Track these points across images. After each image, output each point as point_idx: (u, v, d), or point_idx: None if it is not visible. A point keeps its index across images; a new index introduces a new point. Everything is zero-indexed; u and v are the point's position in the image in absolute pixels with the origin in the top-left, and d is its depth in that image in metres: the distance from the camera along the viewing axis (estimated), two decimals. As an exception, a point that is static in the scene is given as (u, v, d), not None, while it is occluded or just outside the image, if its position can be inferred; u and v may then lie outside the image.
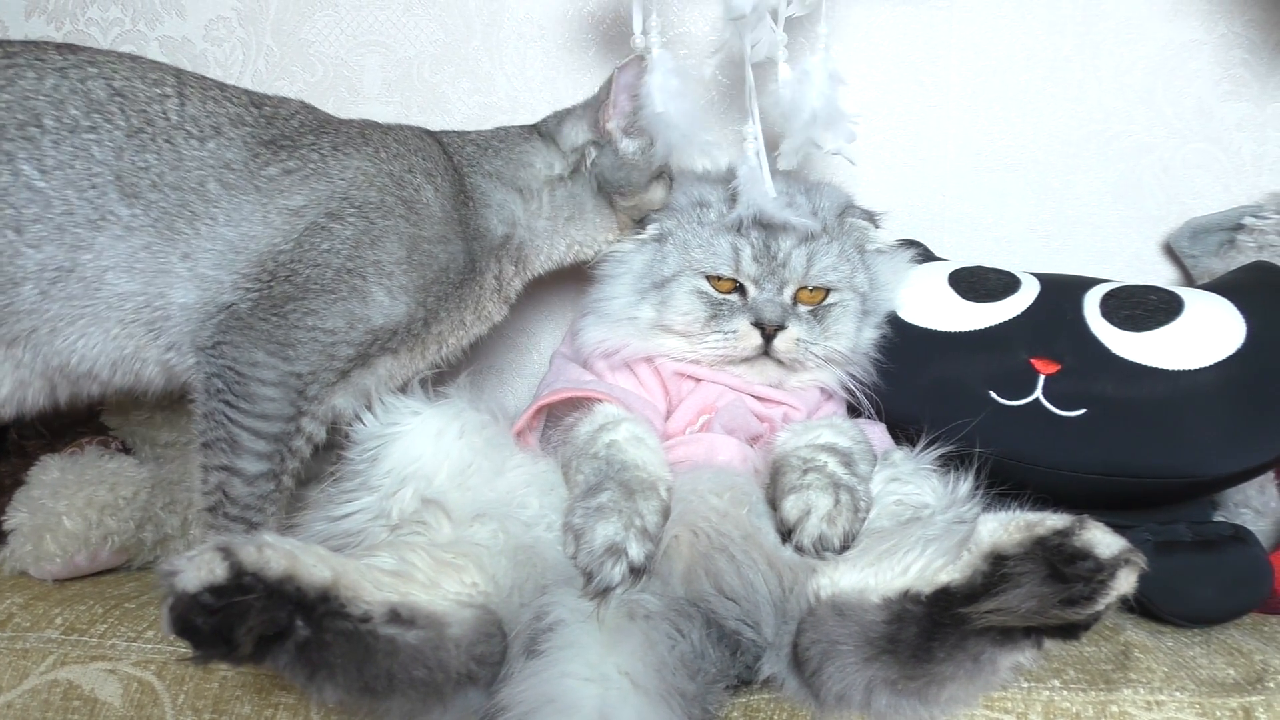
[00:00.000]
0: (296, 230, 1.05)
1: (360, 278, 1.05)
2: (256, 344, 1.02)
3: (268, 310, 1.03)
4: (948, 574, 0.82)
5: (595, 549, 0.89)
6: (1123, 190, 1.51)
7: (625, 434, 1.03)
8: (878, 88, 1.53)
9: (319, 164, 1.08)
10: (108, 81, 1.03)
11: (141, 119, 1.03)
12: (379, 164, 1.11)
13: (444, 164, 1.17)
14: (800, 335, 1.15)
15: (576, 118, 1.25)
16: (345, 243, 1.05)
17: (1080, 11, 1.50)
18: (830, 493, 0.95)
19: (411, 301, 1.09)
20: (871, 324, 1.22)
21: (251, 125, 1.09)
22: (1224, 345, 1.11)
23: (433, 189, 1.13)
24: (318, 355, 1.04)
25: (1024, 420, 1.13)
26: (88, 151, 1.01)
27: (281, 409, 1.03)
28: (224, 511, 1.04)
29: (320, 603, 0.78)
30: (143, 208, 1.01)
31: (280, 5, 1.59)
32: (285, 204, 1.06)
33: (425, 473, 1.00)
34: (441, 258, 1.11)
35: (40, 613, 1.03)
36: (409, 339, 1.12)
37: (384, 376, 1.13)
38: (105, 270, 1.01)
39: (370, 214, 1.07)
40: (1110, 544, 0.75)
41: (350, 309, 1.05)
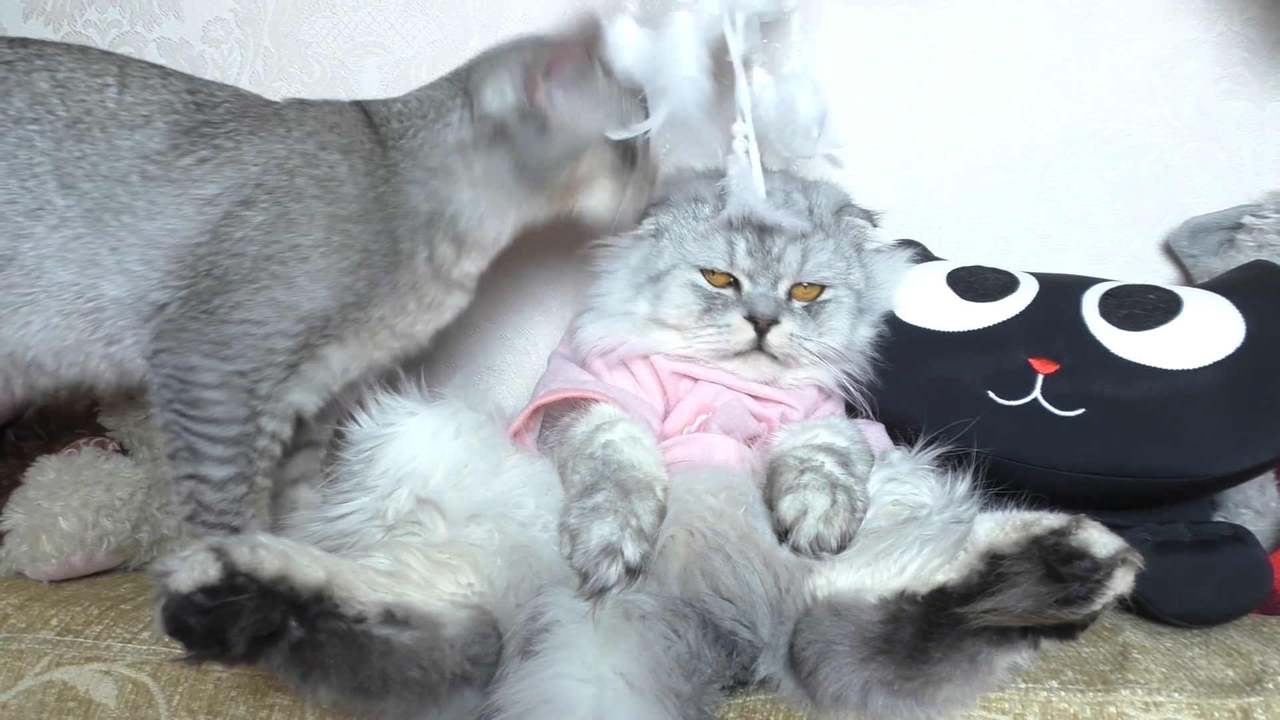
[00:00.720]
0: (212, 221, 1.03)
1: (280, 263, 1.02)
2: (191, 347, 1.01)
3: (196, 309, 1.01)
4: (944, 574, 0.82)
5: (591, 549, 0.89)
6: (1122, 189, 1.51)
7: (621, 434, 1.02)
8: (876, 87, 1.53)
9: (232, 151, 1.06)
10: (52, 74, 1.04)
11: (81, 109, 1.03)
12: (290, 144, 1.07)
13: (363, 137, 1.11)
14: (794, 330, 1.14)
15: (499, 76, 1.13)
16: (259, 229, 1.02)
17: (1079, 10, 1.50)
18: (827, 493, 0.94)
19: (337, 285, 1.05)
20: (867, 322, 1.21)
21: (179, 114, 1.07)
22: (1223, 344, 1.11)
23: (347, 166, 1.08)
24: (254, 351, 1.02)
25: (1022, 420, 1.13)
26: (30, 142, 1.01)
27: (232, 411, 1.02)
28: (201, 519, 1.03)
29: (314, 603, 0.78)
30: (77, 198, 1.01)
31: (278, 7, 1.59)
32: (199, 194, 1.04)
33: (421, 473, 1.00)
34: (363, 237, 1.07)
35: (36, 614, 1.03)
36: (351, 325, 1.08)
37: (338, 369, 1.10)
38: (44, 259, 1.01)
39: (282, 197, 1.04)
40: (1107, 544, 0.75)
41: (275, 297, 1.02)
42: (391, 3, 1.58)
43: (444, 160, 1.12)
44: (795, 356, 1.16)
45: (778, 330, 1.14)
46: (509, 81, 1.11)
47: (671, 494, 0.99)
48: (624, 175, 1.18)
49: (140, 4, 1.61)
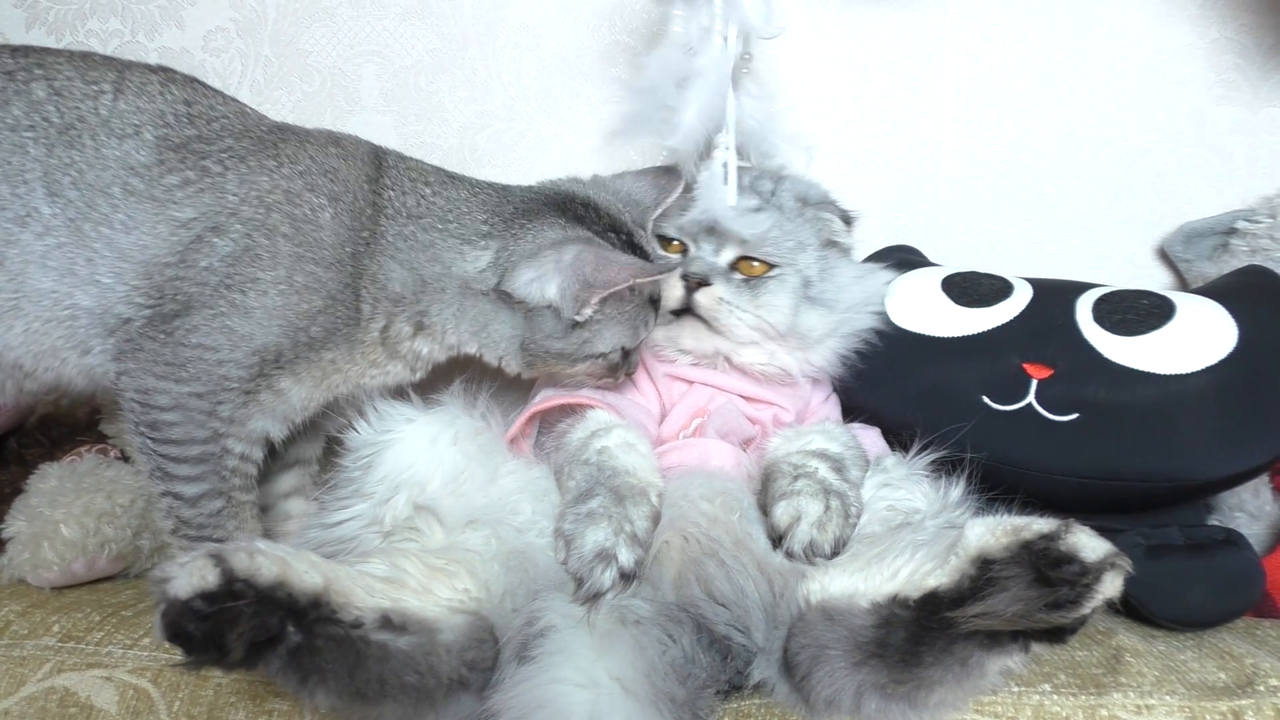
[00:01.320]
0: (183, 243, 1.02)
1: (239, 292, 1.01)
2: (147, 369, 1.01)
3: (156, 329, 1.01)
4: (936, 578, 0.83)
5: (585, 555, 0.90)
6: (1116, 195, 1.52)
7: (616, 440, 1.03)
8: (872, 94, 1.54)
9: (217, 176, 1.04)
10: (49, 81, 1.04)
11: (75, 115, 1.03)
12: (276, 179, 1.05)
13: (358, 192, 1.07)
14: (723, 295, 1.15)
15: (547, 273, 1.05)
16: (224, 259, 1.01)
17: (1073, 17, 1.50)
18: (820, 499, 0.95)
19: (292, 326, 1.03)
20: (821, 313, 1.19)
21: (169, 127, 1.05)
22: (1216, 349, 1.11)
23: (331, 213, 1.05)
24: (207, 375, 1.01)
25: (1017, 425, 1.13)
26: (24, 149, 1.01)
27: (190, 432, 1.01)
28: (183, 533, 1.04)
29: (312, 609, 0.79)
30: (61, 206, 1.01)
31: (278, 16, 1.60)
32: (175, 215, 1.03)
33: (418, 479, 1.00)
34: (330, 285, 1.04)
35: (38, 620, 1.04)
36: (303, 362, 1.05)
37: (297, 404, 1.08)
38: (28, 264, 1.01)
39: (253, 230, 1.02)
40: (1096, 548, 0.76)
41: (229, 325, 1.01)
42: (390, 12, 1.59)
43: (441, 280, 1.07)
44: (729, 327, 1.16)
45: (706, 291, 1.15)
46: (556, 284, 1.04)
47: (666, 500, 1.00)
48: (613, 373, 1.15)
49: (142, 14, 1.62)
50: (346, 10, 1.59)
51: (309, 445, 1.23)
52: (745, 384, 1.18)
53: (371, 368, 1.11)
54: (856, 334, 1.22)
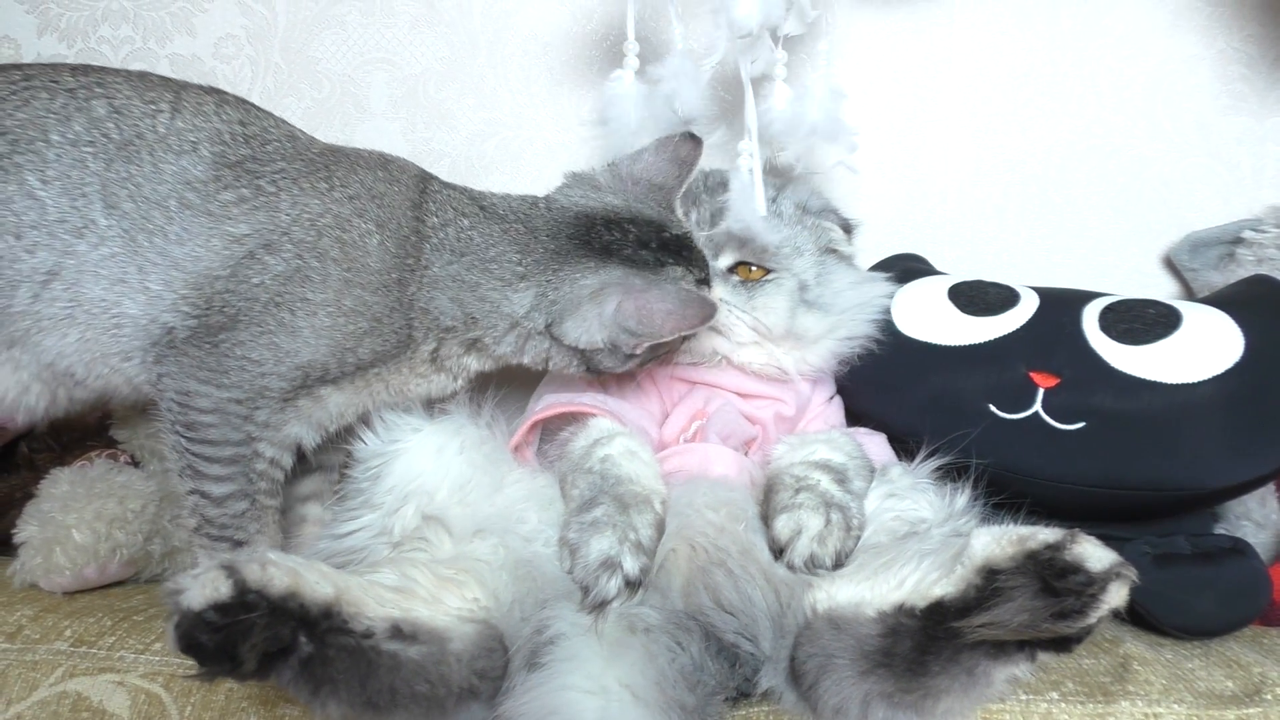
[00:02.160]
0: (235, 258, 1.04)
1: (289, 312, 1.03)
2: (190, 373, 1.03)
3: (201, 339, 1.03)
4: (942, 588, 0.83)
5: (590, 563, 0.90)
6: (1123, 204, 1.52)
7: (619, 448, 1.04)
8: (879, 103, 1.55)
9: (271, 196, 1.06)
10: (109, 100, 1.06)
11: (133, 132, 1.05)
12: (328, 203, 1.07)
13: (403, 220, 1.09)
14: (722, 295, 1.18)
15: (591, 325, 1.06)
16: (276, 278, 1.04)
17: (1080, 27, 1.51)
18: (821, 513, 0.96)
19: (339, 346, 1.05)
20: (818, 317, 1.20)
21: (226, 144, 1.08)
22: (1222, 359, 1.11)
23: (378, 240, 1.07)
24: (249, 384, 1.03)
25: (1023, 433, 1.14)
26: (84, 164, 1.04)
27: (226, 434, 1.03)
28: (206, 532, 1.05)
29: (323, 619, 0.79)
30: (118, 218, 1.04)
31: (288, 23, 1.61)
32: (230, 231, 1.05)
33: (426, 489, 1.01)
34: (376, 308, 1.06)
35: (50, 625, 1.05)
36: (348, 377, 1.08)
37: (335, 411, 1.10)
38: (83, 274, 1.03)
39: (305, 252, 1.04)
40: (1101, 558, 0.76)
41: (276, 342, 1.03)
42: (400, 19, 1.60)
43: (491, 317, 1.09)
44: (726, 325, 1.17)
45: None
46: (603, 335, 1.06)
47: (672, 508, 1.00)
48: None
49: (153, 21, 1.63)
50: (356, 18, 1.60)
51: (334, 452, 1.24)
52: (744, 381, 1.19)
53: (416, 378, 1.13)
54: (853, 338, 1.22)
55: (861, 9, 1.53)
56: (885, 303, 1.25)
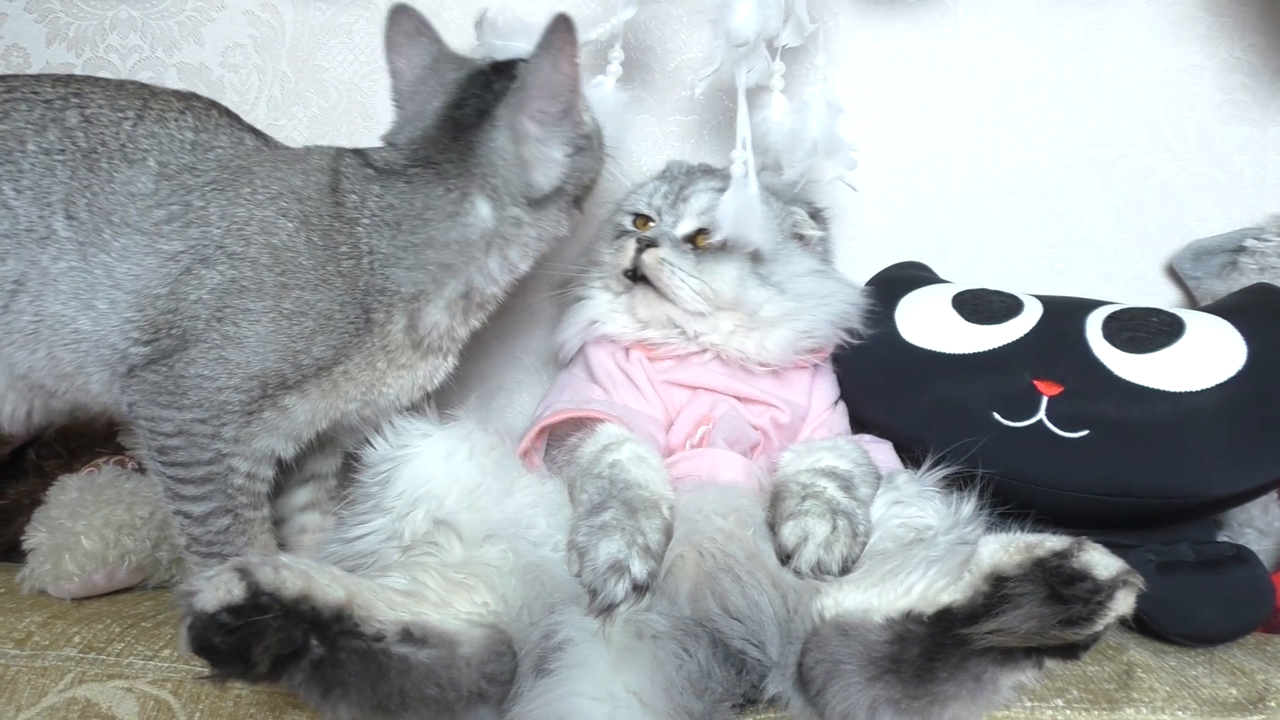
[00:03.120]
0: (172, 276, 1.04)
1: (232, 324, 1.03)
2: (151, 399, 1.03)
3: (157, 364, 1.03)
4: (949, 595, 0.84)
5: (599, 567, 0.91)
6: (1126, 212, 1.53)
7: (628, 454, 1.05)
8: (882, 112, 1.56)
9: (200, 210, 1.05)
10: (82, 109, 1.07)
11: (98, 140, 1.06)
12: (252, 209, 1.06)
13: (324, 207, 1.08)
14: (666, 256, 1.20)
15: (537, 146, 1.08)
16: (212, 291, 1.03)
17: (1082, 37, 1.52)
18: (828, 519, 0.96)
19: (288, 349, 1.04)
20: (770, 293, 1.21)
21: (171, 154, 1.07)
22: (1225, 367, 1.12)
23: (304, 238, 1.06)
24: (207, 402, 1.03)
25: (1027, 441, 1.14)
26: (53, 172, 1.04)
27: (194, 455, 1.03)
28: (195, 550, 1.06)
29: (335, 622, 0.80)
30: (75, 229, 1.04)
31: (295, 32, 1.62)
32: (165, 249, 1.05)
33: (436, 494, 1.02)
34: (321, 305, 1.05)
35: (59, 631, 1.05)
36: (311, 380, 1.06)
37: (303, 420, 1.08)
38: (44, 287, 1.04)
39: (237, 262, 1.04)
40: (1108, 565, 0.77)
41: (225, 356, 1.03)
42: (406, 29, 1.60)
43: (459, 255, 1.09)
44: (670, 286, 1.19)
45: (652, 251, 1.20)
46: (556, 149, 1.08)
47: (680, 514, 1.01)
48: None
49: (161, 30, 1.64)
50: (363, 27, 1.61)
51: (325, 460, 1.24)
52: (737, 383, 1.20)
53: (396, 370, 1.11)
54: (812, 334, 1.22)
55: (865, 18, 1.54)
56: (849, 308, 1.25)
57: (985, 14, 1.53)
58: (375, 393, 1.12)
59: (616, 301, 1.26)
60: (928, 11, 1.54)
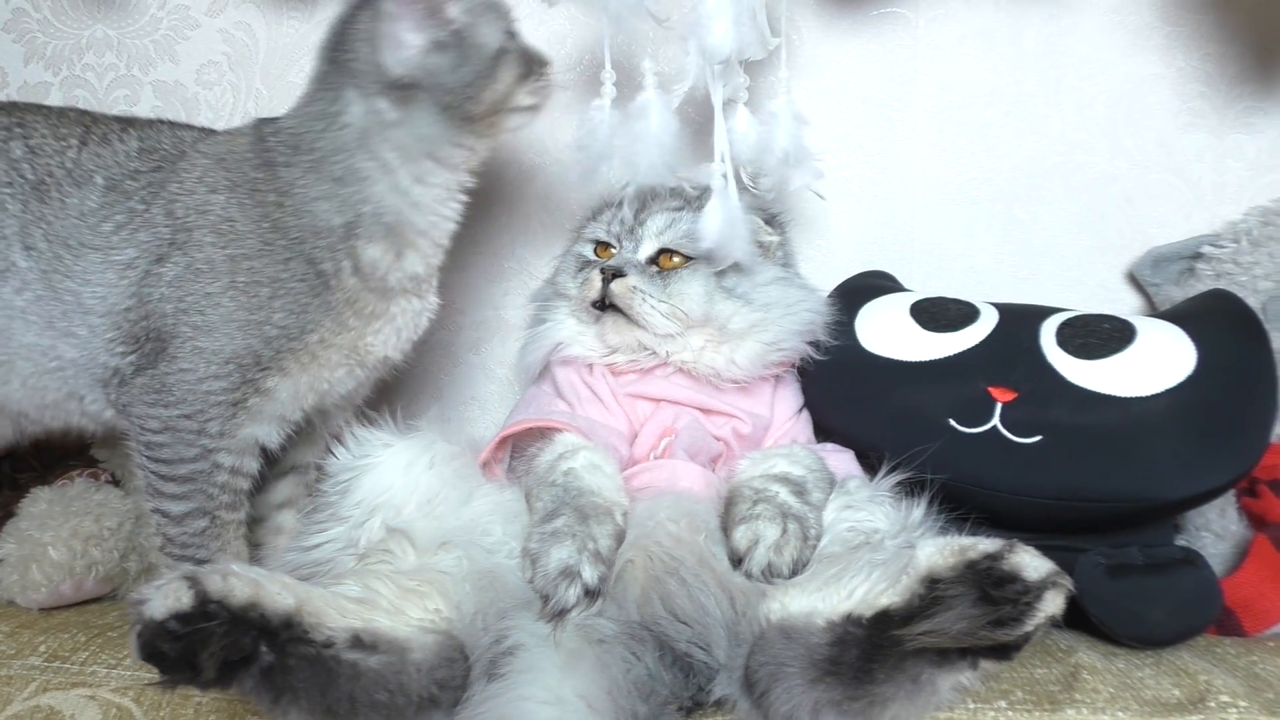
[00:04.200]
0: (134, 284, 1.06)
1: (198, 313, 1.05)
2: (139, 398, 1.06)
3: (144, 369, 1.06)
4: (888, 597, 0.85)
5: (550, 572, 0.93)
6: (1087, 220, 1.55)
7: (583, 461, 1.06)
8: (846, 123, 1.58)
9: (143, 214, 1.08)
10: (26, 140, 1.09)
11: (44, 170, 1.08)
12: (185, 198, 1.08)
13: (249, 171, 1.09)
14: (636, 284, 1.21)
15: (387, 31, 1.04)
16: (170, 285, 1.05)
17: (1042, 48, 1.54)
18: (778, 523, 0.98)
19: (253, 324, 1.05)
20: (738, 307, 1.22)
21: (118, 165, 1.10)
22: (1175, 372, 1.14)
23: (236, 204, 1.07)
24: (192, 396, 1.05)
25: (983, 447, 1.16)
26: (3, 206, 1.06)
27: (180, 452, 1.05)
28: (169, 551, 1.08)
29: (284, 629, 0.82)
30: (35, 259, 1.06)
31: (269, 50, 1.65)
32: (118, 260, 1.07)
33: (395, 503, 1.03)
34: (269, 271, 1.06)
35: (24, 640, 1.07)
36: (288, 355, 1.07)
37: (288, 399, 1.10)
38: (11, 319, 1.06)
39: (188, 249, 1.06)
40: (1038, 567, 0.79)
41: (199, 346, 1.05)
42: (378, 45, 1.63)
43: (349, 162, 1.07)
44: (641, 313, 1.20)
45: (620, 281, 1.21)
46: (408, 26, 1.03)
47: (633, 520, 1.02)
48: (531, 81, 1.16)
49: (137, 48, 1.66)
50: (335, 44, 1.63)
51: (307, 450, 1.26)
52: (700, 396, 1.21)
53: (372, 321, 1.11)
54: (780, 346, 1.23)
55: (829, 32, 1.56)
56: (814, 317, 1.25)
57: (946, 26, 1.55)
58: (361, 353, 1.13)
59: (584, 326, 1.26)
60: (890, 24, 1.56)
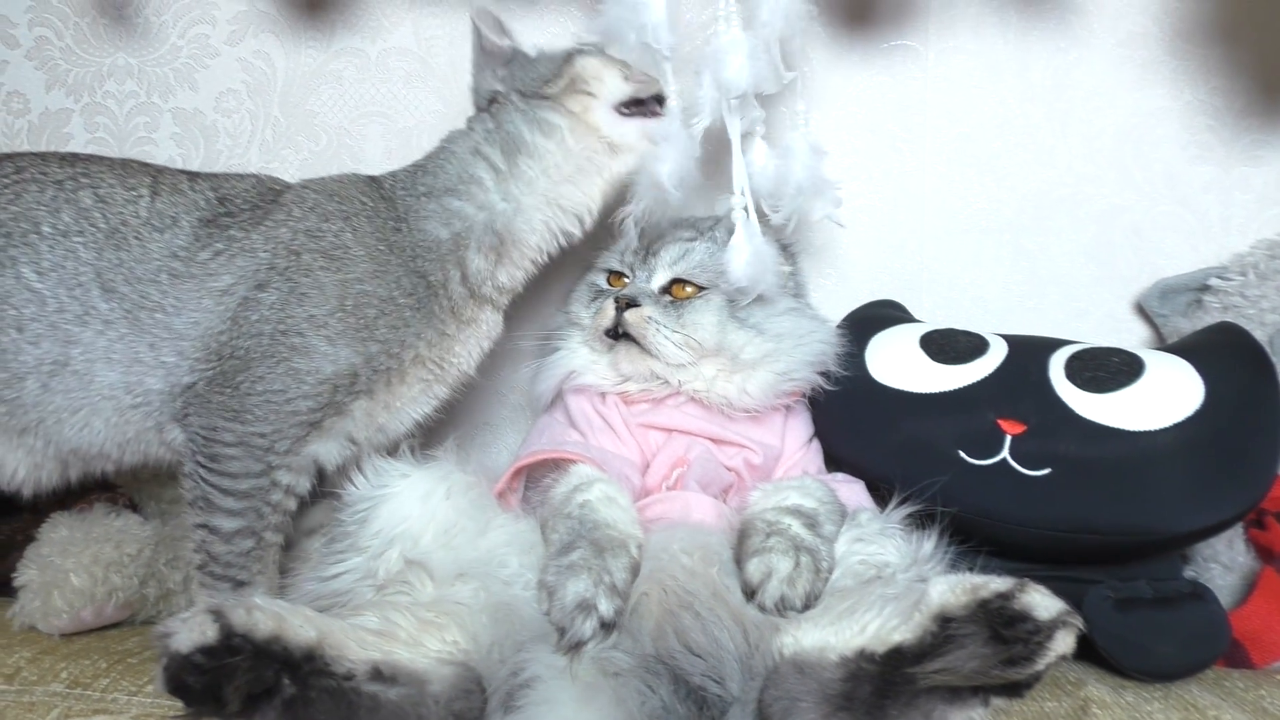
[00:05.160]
0: (230, 309, 1.10)
1: (298, 335, 1.09)
2: (215, 413, 1.08)
3: (221, 385, 1.09)
4: (900, 634, 0.86)
5: (567, 605, 0.94)
6: (1095, 251, 1.56)
7: (598, 494, 1.07)
8: (856, 154, 1.59)
9: (243, 240, 1.13)
10: (94, 189, 1.13)
11: (118, 219, 1.12)
12: (293, 224, 1.14)
13: (364, 198, 1.20)
14: (651, 314, 1.23)
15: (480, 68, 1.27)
16: (273, 308, 1.09)
17: (1051, 80, 1.56)
18: (791, 556, 0.99)
19: (358, 343, 1.11)
20: (749, 335, 1.24)
21: (203, 209, 1.15)
22: (1183, 406, 1.15)
23: (351, 231, 1.15)
24: (275, 415, 1.08)
25: (992, 479, 1.17)
26: (75, 253, 1.09)
27: (247, 467, 1.08)
28: (210, 569, 1.10)
29: (306, 661, 0.83)
30: (118, 301, 1.09)
31: (287, 78, 1.67)
32: (215, 286, 1.11)
33: (412, 533, 1.05)
34: (380, 292, 1.13)
35: (46, 667, 1.08)
36: (381, 375, 1.13)
37: (361, 416, 1.15)
38: (93, 362, 1.09)
39: (292, 275, 1.10)
40: (1049, 606, 0.80)
41: (294, 367, 1.08)
42: (395, 75, 1.65)
43: (463, 170, 1.21)
44: (655, 343, 1.22)
45: (635, 311, 1.22)
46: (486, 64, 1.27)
47: (648, 552, 1.03)
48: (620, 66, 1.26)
49: (157, 76, 1.69)
50: (352, 73, 1.66)
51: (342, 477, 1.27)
52: (712, 426, 1.22)
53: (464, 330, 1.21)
54: (792, 376, 1.24)
55: (839, 64, 1.58)
56: (825, 348, 1.27)
57: (955, 59, 1.57)
58: (445, 366, 1.20)
59: (597, 355, 1.27)
60: (900, 57, 1.58)
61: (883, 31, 1.57)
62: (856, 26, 1.57)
